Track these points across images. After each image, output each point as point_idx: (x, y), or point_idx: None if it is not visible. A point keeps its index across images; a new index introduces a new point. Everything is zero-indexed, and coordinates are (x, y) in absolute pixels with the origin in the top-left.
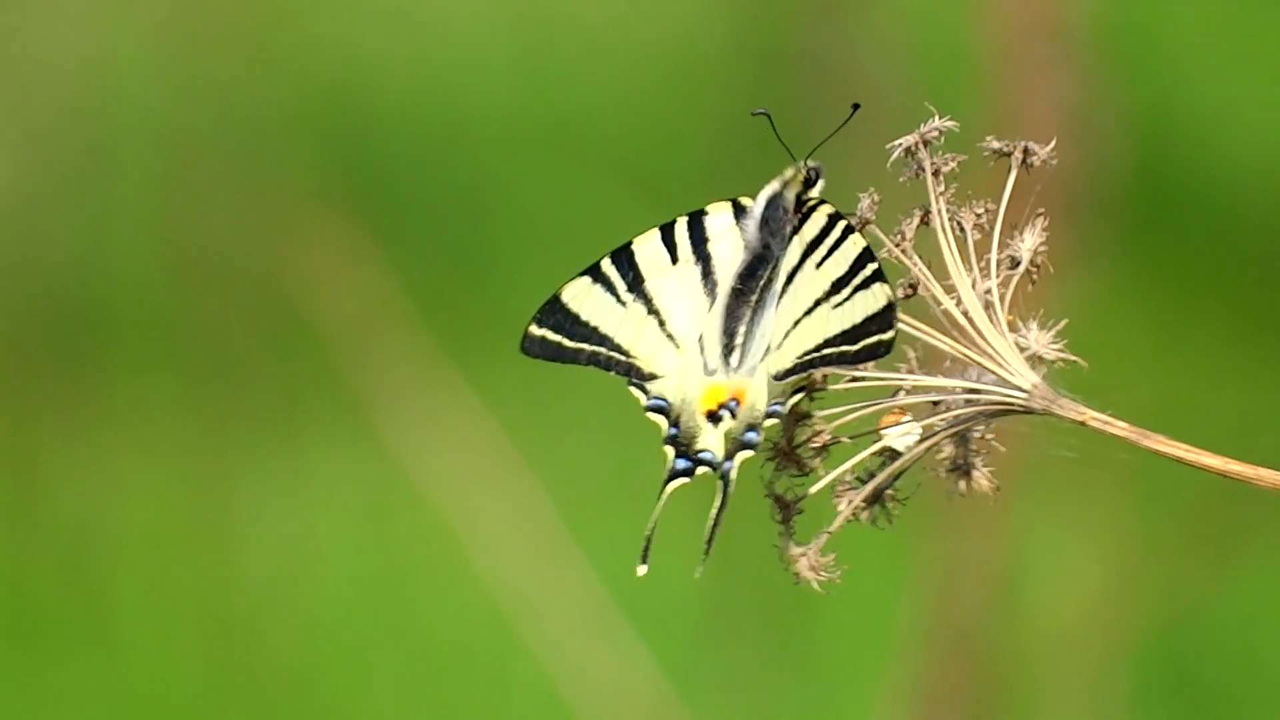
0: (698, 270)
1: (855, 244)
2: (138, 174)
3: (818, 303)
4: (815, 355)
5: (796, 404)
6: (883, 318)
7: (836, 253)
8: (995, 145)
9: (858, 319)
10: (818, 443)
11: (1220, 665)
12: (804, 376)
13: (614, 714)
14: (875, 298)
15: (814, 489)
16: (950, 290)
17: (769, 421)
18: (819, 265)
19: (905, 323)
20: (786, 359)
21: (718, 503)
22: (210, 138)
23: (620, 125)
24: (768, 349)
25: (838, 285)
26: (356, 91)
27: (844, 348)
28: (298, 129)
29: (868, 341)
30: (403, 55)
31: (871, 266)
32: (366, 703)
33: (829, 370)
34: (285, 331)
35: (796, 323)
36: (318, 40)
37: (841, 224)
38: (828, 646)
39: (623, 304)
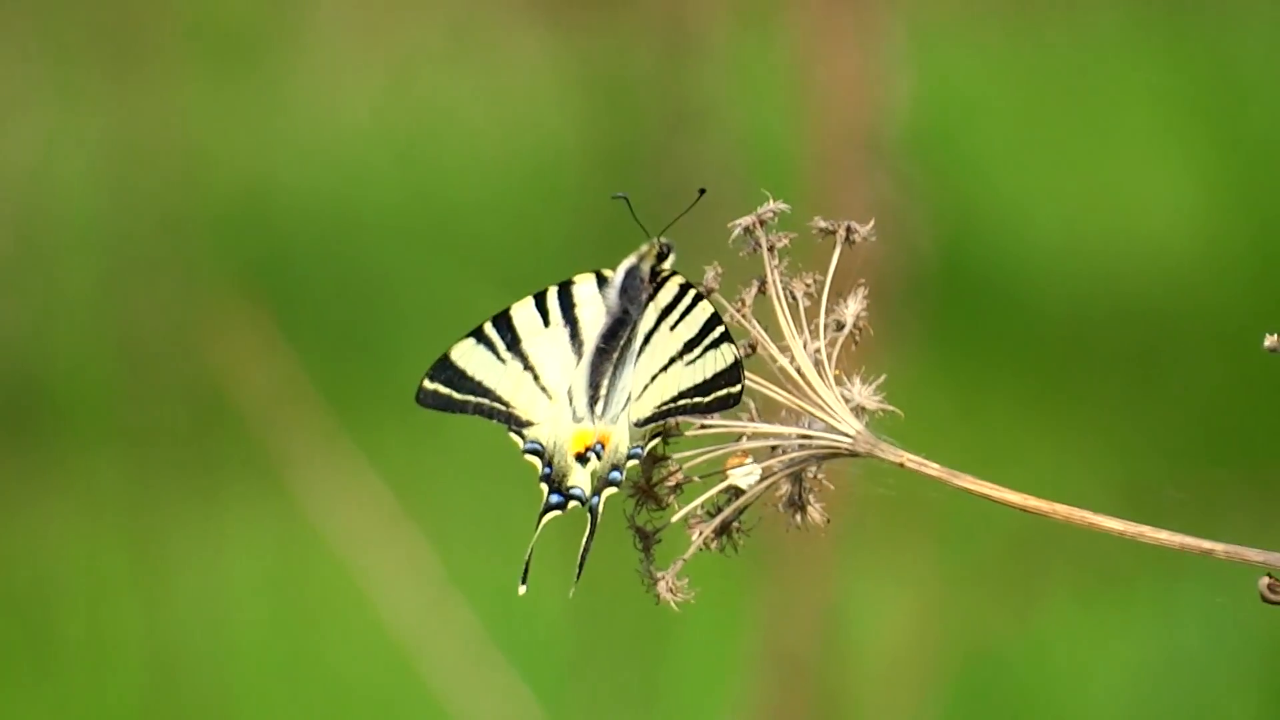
0: (566, 331)
1: (704, 309)
2: (77, 270)
3: (672, 360)
4: (672, 405)
5: (654, 448)
6: (731, 374)
7: (688, 317)
8: (822, 224)
9: (709, 374)
10: (672, 481)
11: (1018, 695)
12: (661, 424)
13: None
14: (724, 356)
15: (671, 521)
16: (784, 350)
17: (630, 462)
18: (673, 328)
19: (747, 378)
20: (645, 408)
21: (587, 533)
22: (140, 239)
23: (487, 222)
24: (628, 399)
25: (690, 345)
26: (264, 200)
27: (697, 399)
28: (215, 232)
29: (718, 394)
30: (302, 169)
31: (719, 329)
32: None
33: (683, 418)
34: (207, 406)
35: (654, 377)
36: (229, 157)
37: (692, 292)
38: (680, 674)
39: (502, 361)
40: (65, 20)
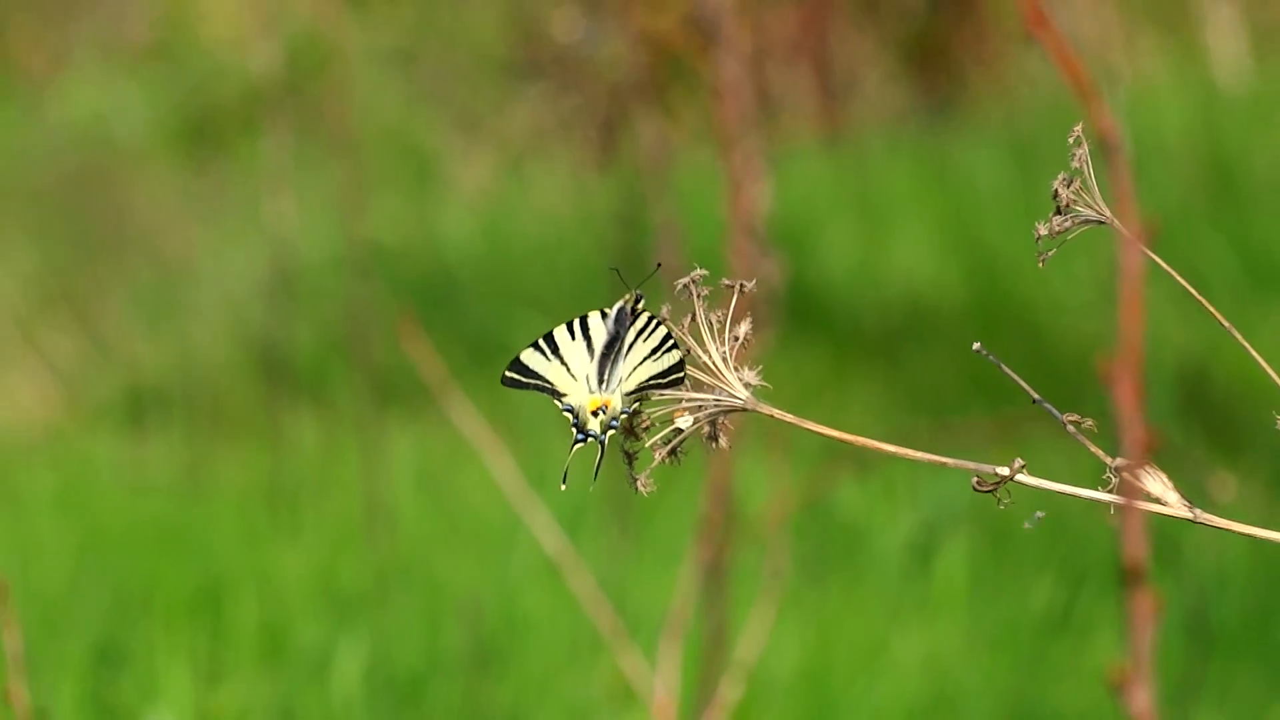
0: (584, 343)
1: (662, 331)
2: (320, 297)
3: (644, 359)
4: (645, 384)
5: (636, 408)
6: (678, 367)
7: (653, 335)
8: (726, 282)
9: (665, 367)
10: (644, 425)
11: (832, 529)
12: (639, 396)
13: (555, 545)
14: (673, 357)
15: (643, 448)
16: (706, 352)
17: (622, 417)
18: (644, 341)
19: (686, 370)
20: (630, 386)
21: (598, 455)
22: (352, 280)
23: (542, 280)
24: (619, 381)
25: (654, 351)
26: (431, 259)
27: (659, 381)
28: (394, 277)
29: (672, 378)
30: (445, 243)
31: (671, 341)
32: (440, 552)
33: (651, 391)
34: (391, 375)
35: (634, 369)
36: (410, 237)
37: (655, 321)
38: (649, 526)
39: (549, 360)
40: (308, 155)
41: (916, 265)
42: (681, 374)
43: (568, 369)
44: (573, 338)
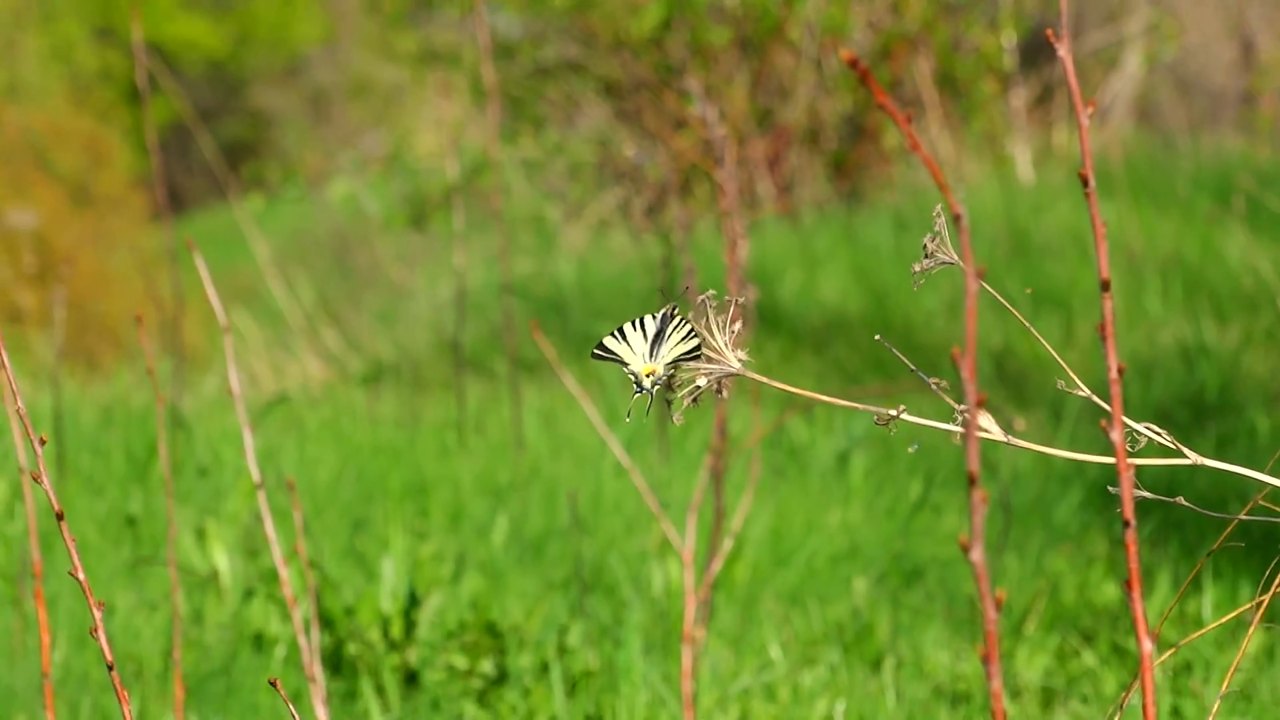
0: (641, 333)
1: (689, 326)
2: (479, 314)
3: (678, 343)
4: (679, 359)
5: (672, 373)
6: (698, 349)
7: (684, 329)
8: (729, 298)
9: (689, 348)
10: (677, 383)
11: (786, 445)
12: (674, 365)
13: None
14: (695, 342)
15: (677, 397)
16: (714, 339)
17: (664, 377)
18: (678, 332)
19: (704, 350)
20: (668, 359)
21: (649, 401)
22: (496, 302)
23: (616, 300)
24: (662, 356)
25: (684, 338)
26: (550, 294)
27: (686, 356)
28: (521, 299)
29: (695, 355)
30: (557, 276)
31: (695, 333)
32: (560, 462)
33: (681, 363)
34: (522, 358)
35: (671, 349)
36: (532, 275)
37: (684, 320)
38: (683, 440)
39: (619, 343)
40: (479, 217)
41: (836, 292)
42: (699, 353)
43: (631, 349)
44: (634, 330)
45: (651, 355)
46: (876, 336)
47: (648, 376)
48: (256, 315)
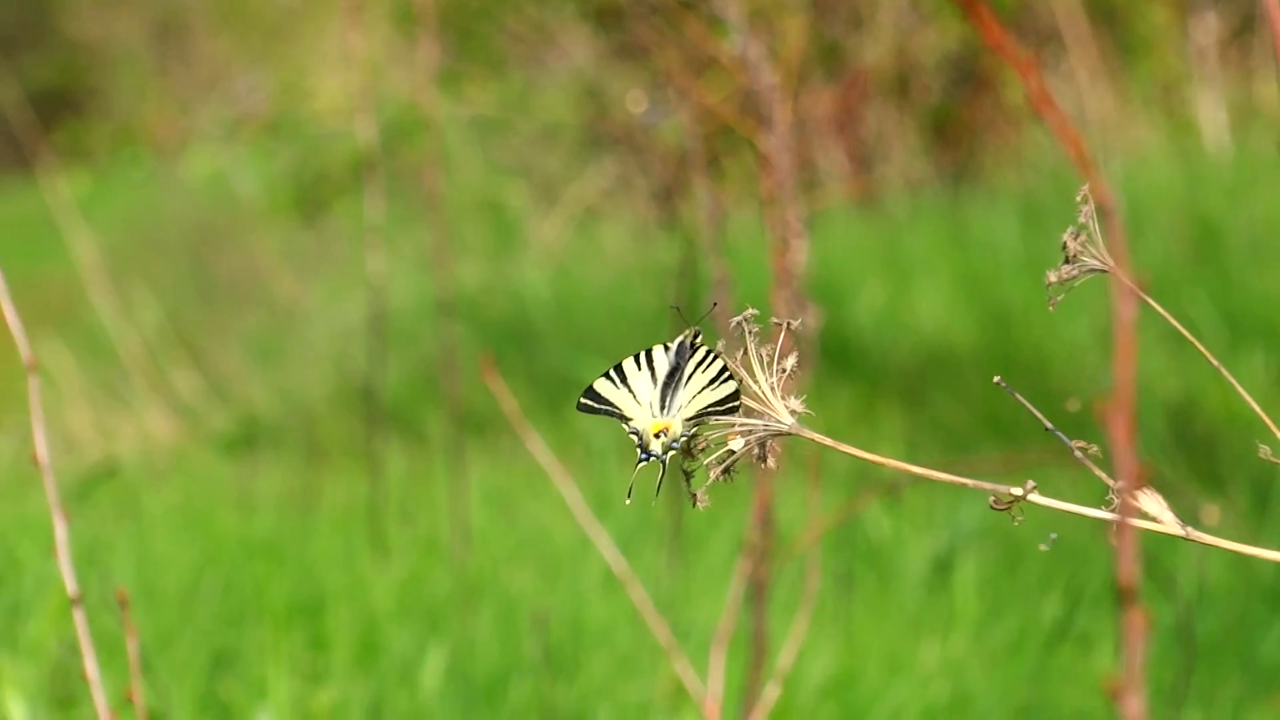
0: (649, 373)
1: (719, 363)
2: (405, 334)
3: (703, 389)
4: (704, 411)
5: (694, 432)
6: (734, 396)
7: (710, 366)
8: (775, 321)
9: (722, 396)
10: (700, 447)
11: (863, 547)
12: (697, 420)
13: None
14: (729, 386)
15: (700, 466)
16: (756, 382)
17: (682, 439)
18: (703, 372)
19: (742, 399)
20: (690, 412)
21: (661, 473)
22: (435, 319)
23: (610, 320)
24: (679, 407)
25: (712, 381)
26: (512, 306)
27: (717, 408)
28: (476, 321)
29: (728, 406)
30: (521, 295)
31: (727, 373)
32: (511, 572)
33: (708, 416)
34: (469, 405)
35: (693, 397)
36: (494, 286)
37: (712, 354)
38: (701, 540)
39: (618, 388)
40: (400, 212)
41: (937, 314)
42: (736, 402)
43: (634, 396)
44: (639, 368)
45: (664, 406)
46: (996, 379)
47: (657, 437)
48: (75, 346)
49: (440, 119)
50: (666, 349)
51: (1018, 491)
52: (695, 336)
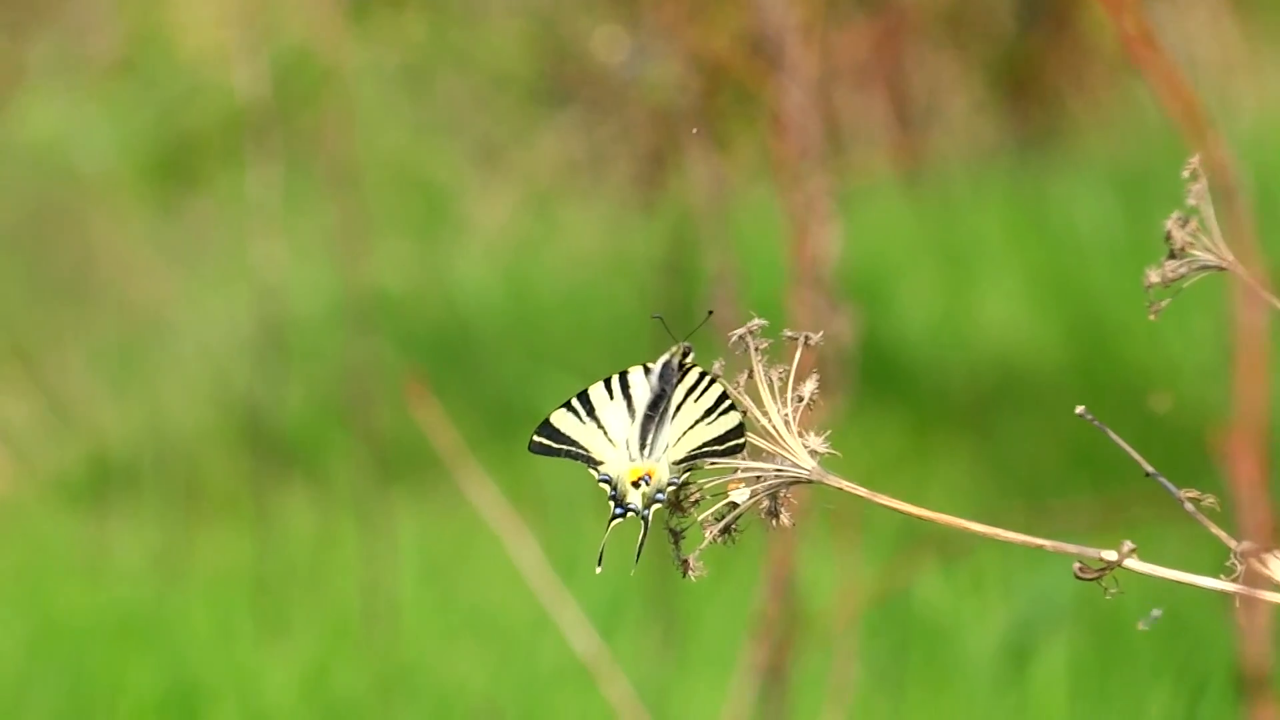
0: (624, 403)
1: (717, 389)
2: (310, 357)
3: (696, 422)
4: (698, 452)
5: (685, 479)
6: (737, 431)
7: (706, 394)
8: (790, 334)
9: (722, 432)
10: (693, 499)
11: (912, 627)
12: (689, 464)
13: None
14: (731, 420)
15: (691, 525)
16: (765, 414)
17: (669, 489)
18: (696, 400)
19: (747, 434)
20: (679, 454)
21: (641, 533)
22: (351, 340)
23: (571, 329)
24: (665, 448)
25: (708, 412)
26: (439, 312)
27: (715, 448)
28: (401, 329)
29: (729, 444)
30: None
31: (728, 402)
32: (451, 656)
33: (703, 459)
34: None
35: (684, 433)
36: (416, 287)
37: (708, 378)
38: (696, 621)
39: (583, 422)
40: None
41: (1009, 320)
42: (740, 440)
43: (605, 433)
44: (611, 397)
45: (645, 446)
46: (1079, 409)
47: (636, 486)
48: None
49: (351, 65)
50: (648, 371)
51: (1112, 555)
52: (686, 354)
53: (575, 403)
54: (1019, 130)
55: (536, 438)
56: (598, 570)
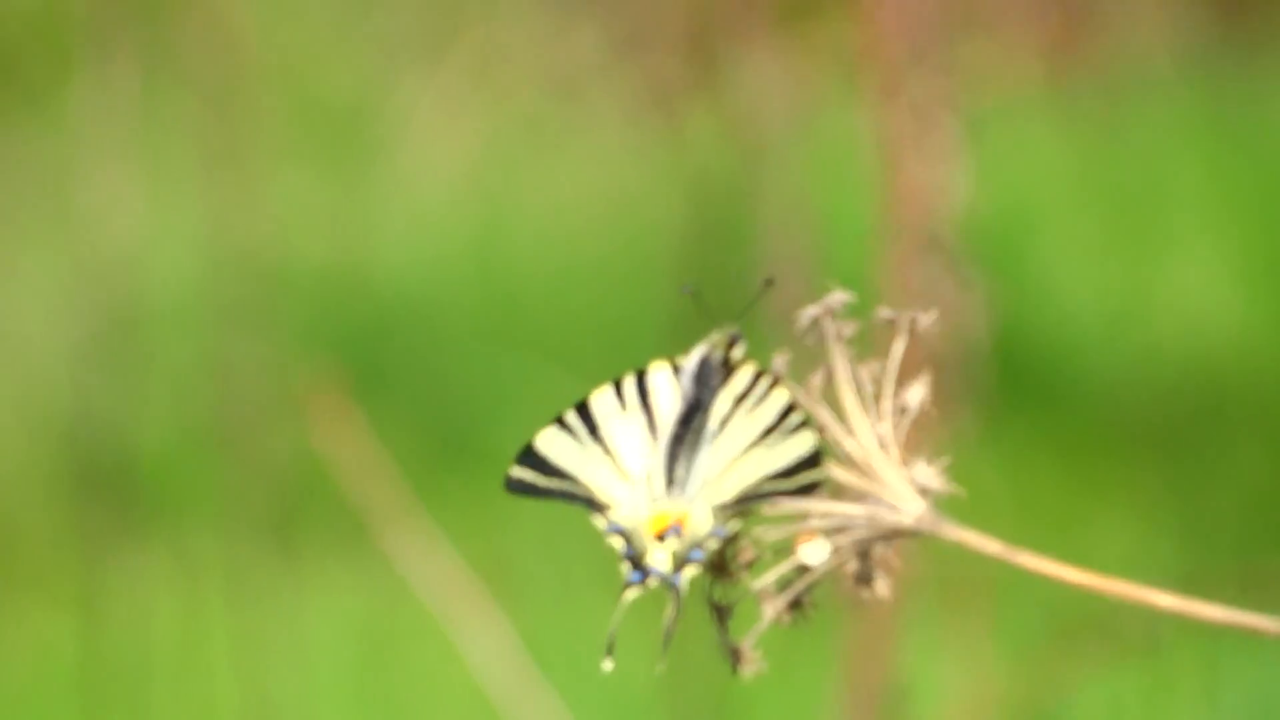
0: (644, 417)
1: (780, 396)
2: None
3: (751, 445)
4: (756, 490)
5: (734, 529)
6: (812, 460)
7: (764, 403)
8: (887, 314)
9: (790, 460)
10: (745, 558)
11: None
12: (740, 507)
13: None
14: (804, 442)
15: (744, 596)
16: (850, 434)
17: (711, 543)
18: (750, 413)
19: (822, 460)
20: (727, 492)
21: (671, 609)
22: (232, 323)
23: (565, 309)
24: (704, 482)
25: (769, 431)
26: (352, 284)
27: (780, 484)
28: (305, 315)
29: (801, 480)
30: (389, 254)
31: (798, 416)
32: None
33: (766, 499)
34: (296, 479)
35: (733, 461)
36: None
37: (767, 379)
38: None
39: (583, 446)
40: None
41: (1210, 302)
42: (816, 471)
43: (615, 461)
44: (624, 408)
45: (674, 480)
46: None
47: (662, 540)
48: None
49: None
50: (678, 370)
51: None
52: (733, 345)
53: (571, 418)
54: (1228, 25)
55: (515, 472)
56: (606, 667)
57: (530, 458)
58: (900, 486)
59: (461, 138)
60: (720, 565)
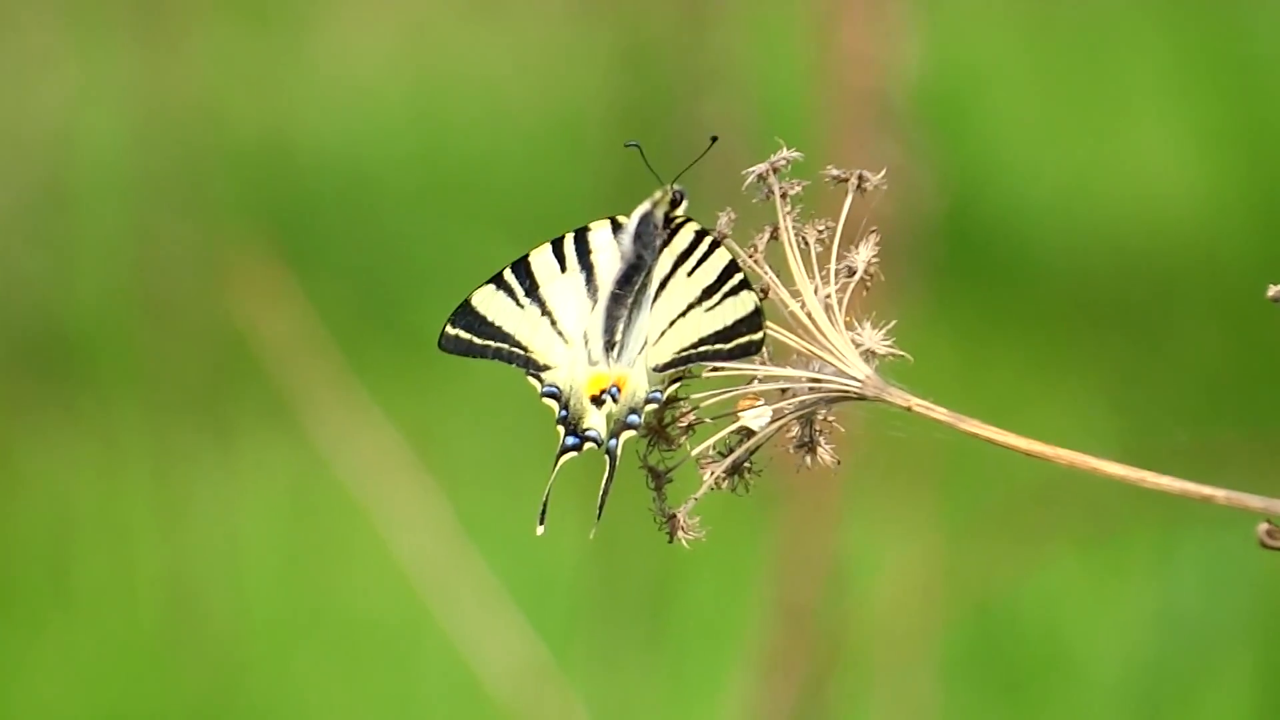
0: (583, 277)
1: (722, 255)
2: (100, 218)
3: (691, 306)
4: (693, 351)
5: (673, 392)
6: (751, 320)
7: (705, 263)
8: (834, 172)
9: (729, 321)
10: (684, 423)
11: (1024, 644)
12: (679, 369)
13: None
14: (744, 303)
15: (683, 461)
16: (796, 295)
17: (649, 406)
18: (690, 274)
19: (764, 324)
20: (665, 353)
21: (606, 475)
22: (162, 189)
23: (502, 174)
24: (644, 344)
25: (709, 291)
26: (284, 150)
27: (718, 345)
28: (235, 182)
29: (739, 341)
30: (322, 119)
31: (739, 275)
32: (294, 670)
33: (703, 362)
34: (225, 350)
35: (672, 322)
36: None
37: (709, 238)
38: (688, 620)
39: (521, 306)
40: None
41: (1169, 171)
42: (758, 333)
43: (553, 322)
44: (563, 268)
45: (613, 341)
46: (1272, 292)
47: (600, 402)
48: None
49: None
50: (618, 228)
51: None
52: (676, 202)
53: (509, 276)
54: None
55: (450, 329)
56: (538, 531)
57: (466, 316)
58: (846, 350)
59: (395, 3)
60: (659, 430)
